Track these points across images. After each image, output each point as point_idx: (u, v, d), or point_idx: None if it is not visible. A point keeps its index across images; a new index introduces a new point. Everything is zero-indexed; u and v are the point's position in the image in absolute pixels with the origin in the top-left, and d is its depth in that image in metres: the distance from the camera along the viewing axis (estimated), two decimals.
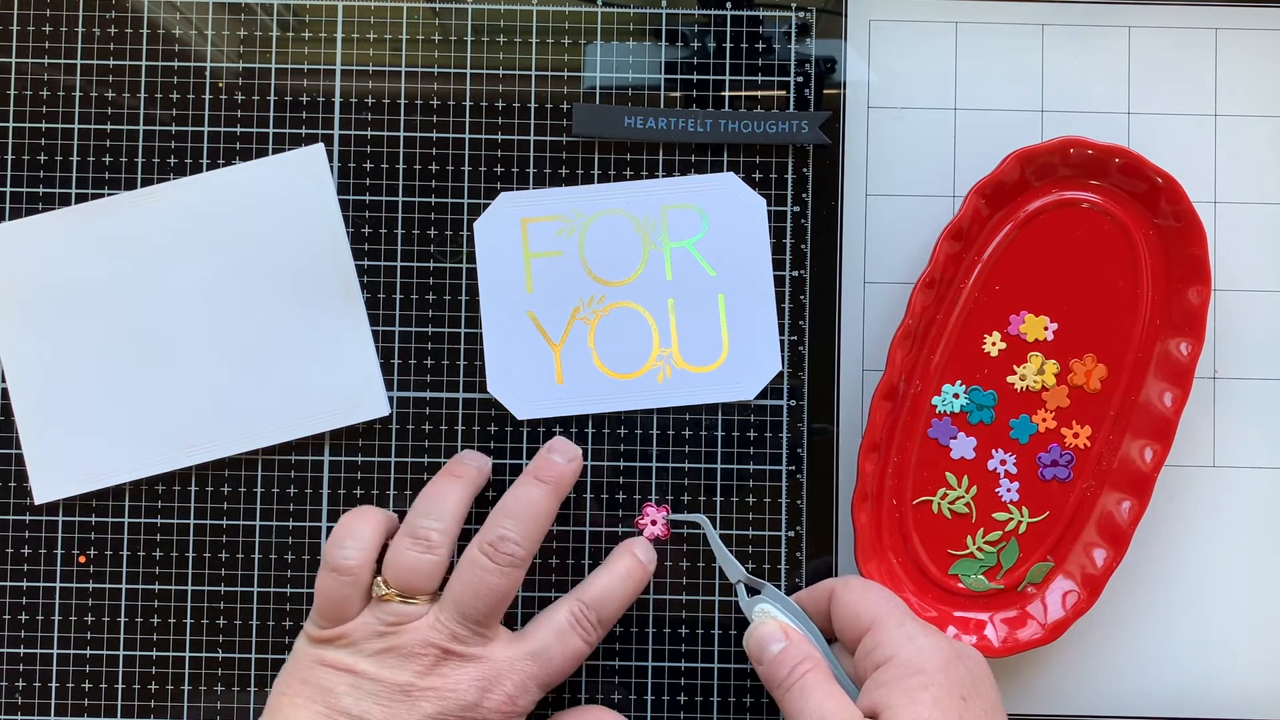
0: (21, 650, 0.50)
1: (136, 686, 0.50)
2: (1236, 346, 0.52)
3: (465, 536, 0.49)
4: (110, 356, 0.50)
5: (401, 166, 0.51)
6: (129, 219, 0.50)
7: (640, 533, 0.51)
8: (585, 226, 0.51)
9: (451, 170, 0.51)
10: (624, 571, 0.48)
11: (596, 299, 0.51)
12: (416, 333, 0.51)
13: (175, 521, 0.51)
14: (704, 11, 0.52)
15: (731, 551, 0.49)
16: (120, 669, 0.50)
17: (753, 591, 0.48)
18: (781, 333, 0.51)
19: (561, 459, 0.48)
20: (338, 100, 0.51)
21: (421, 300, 0.51)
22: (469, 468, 0.49)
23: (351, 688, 0.44)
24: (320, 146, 0.51)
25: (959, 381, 0.51)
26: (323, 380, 0.50)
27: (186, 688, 0.50)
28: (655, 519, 0.50)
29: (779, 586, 0.50)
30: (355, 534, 0.46)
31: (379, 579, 0.46)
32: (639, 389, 0.51)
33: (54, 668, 0.50)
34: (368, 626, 0.45)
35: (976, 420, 0.50)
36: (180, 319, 0.50)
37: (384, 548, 0.47)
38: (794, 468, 0.51)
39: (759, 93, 0.52)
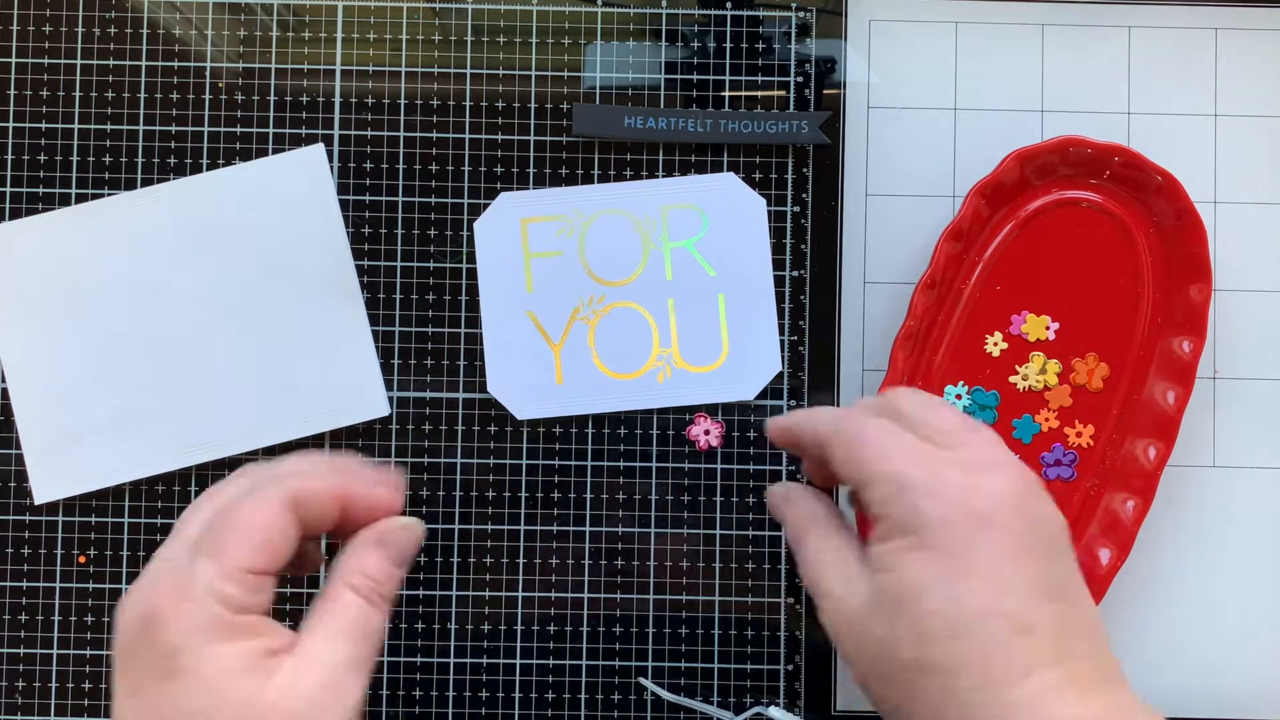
0: (21, 650, 0.50)
1: None
2: (1236, 346, 0.52)
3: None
4: (110, 356, 0.50)
5: (401, 166, 0.51)
6: (129, 219, 0.50)
7: (694, 444, 0.51)
8: (585, 226, 0.51)
9: (451, 170, 0.51)
10: None
11: (596, 299, 0.51)
12: (416, 333, 0.51)
13: (175, 522, 0.50)
14: (704, 11, 0.52)
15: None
16: None
17: None
18: (781, 333, 0.51)
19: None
20: (338, 100, 0.51)
21: (421, 300, 0.51)
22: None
23: None
24: (320, 146, 0.51)
25: (961, 382, 0.50)
26: (323, 380, 0.50)
27: None
28: (709, 429, 0.50)
29: (779, 589, 0.50)
30: None
31: None
32: (639, 389, 0.51)
33: (54, 668, 0.50)
34: None
35: (980, 420, 0.50)
36: (180, 319, 0.50)
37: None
38: (794, 468, 0.51)
39: (759, 93, 0.52)
